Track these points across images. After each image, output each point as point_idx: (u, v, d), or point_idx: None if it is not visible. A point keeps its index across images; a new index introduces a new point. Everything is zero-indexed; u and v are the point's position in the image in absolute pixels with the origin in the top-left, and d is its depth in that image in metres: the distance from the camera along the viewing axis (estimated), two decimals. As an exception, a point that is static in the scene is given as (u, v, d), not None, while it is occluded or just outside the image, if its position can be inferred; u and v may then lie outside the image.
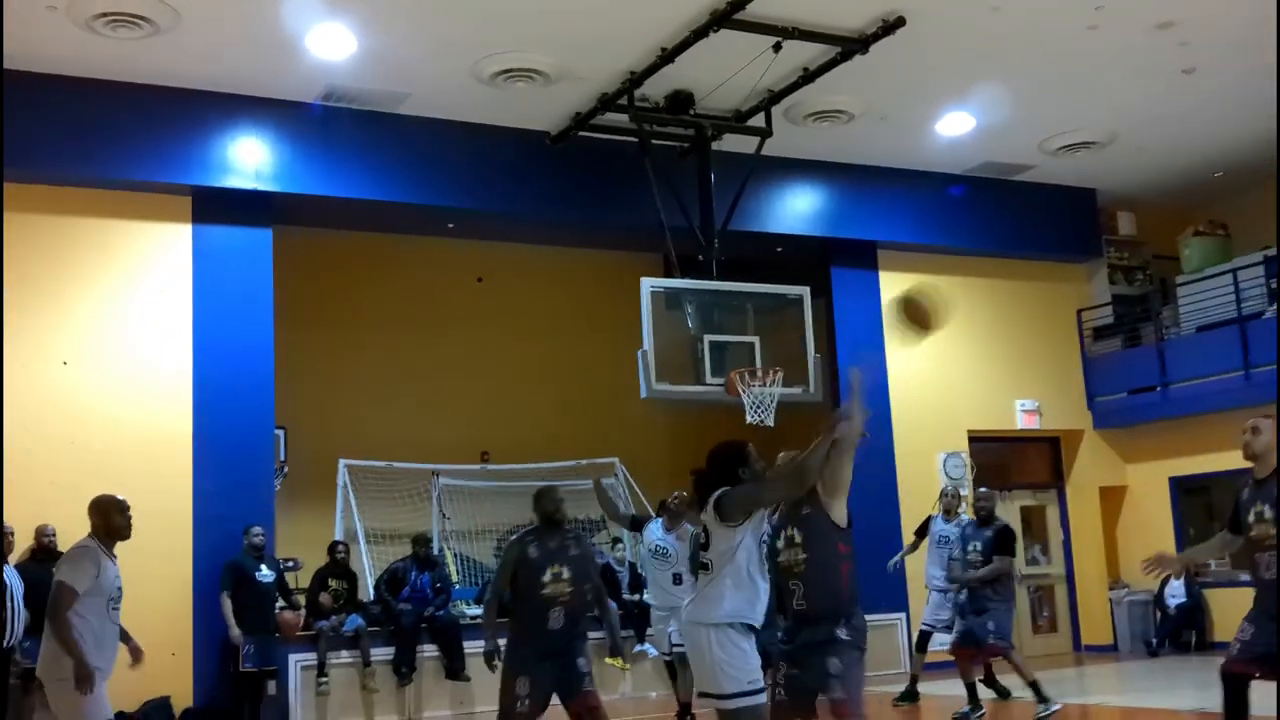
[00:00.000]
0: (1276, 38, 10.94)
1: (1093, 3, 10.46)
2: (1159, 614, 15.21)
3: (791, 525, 5.38)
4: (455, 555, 14.01)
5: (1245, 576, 14.56)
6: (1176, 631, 14.85)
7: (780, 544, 5.43)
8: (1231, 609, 14.45)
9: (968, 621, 10.10)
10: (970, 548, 10.27)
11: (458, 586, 13.04)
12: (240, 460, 11.32)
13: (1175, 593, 14.96)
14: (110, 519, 6.24)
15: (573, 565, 6.87)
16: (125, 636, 6.40)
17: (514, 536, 7.45)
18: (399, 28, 10.32)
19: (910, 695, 11.36)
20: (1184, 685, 12.25)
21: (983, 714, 10.20)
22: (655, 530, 10.25)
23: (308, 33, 10.21)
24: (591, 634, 11.69)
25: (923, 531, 11.67)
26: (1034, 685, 9.71)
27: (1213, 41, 11.38)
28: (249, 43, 10.39)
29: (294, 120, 11.69)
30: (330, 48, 10.53)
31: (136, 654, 6.50)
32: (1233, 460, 14.18)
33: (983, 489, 11.34)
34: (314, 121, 11.75)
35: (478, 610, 12.56)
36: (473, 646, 11.70)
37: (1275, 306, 9.92)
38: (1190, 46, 11.46)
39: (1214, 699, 8.41)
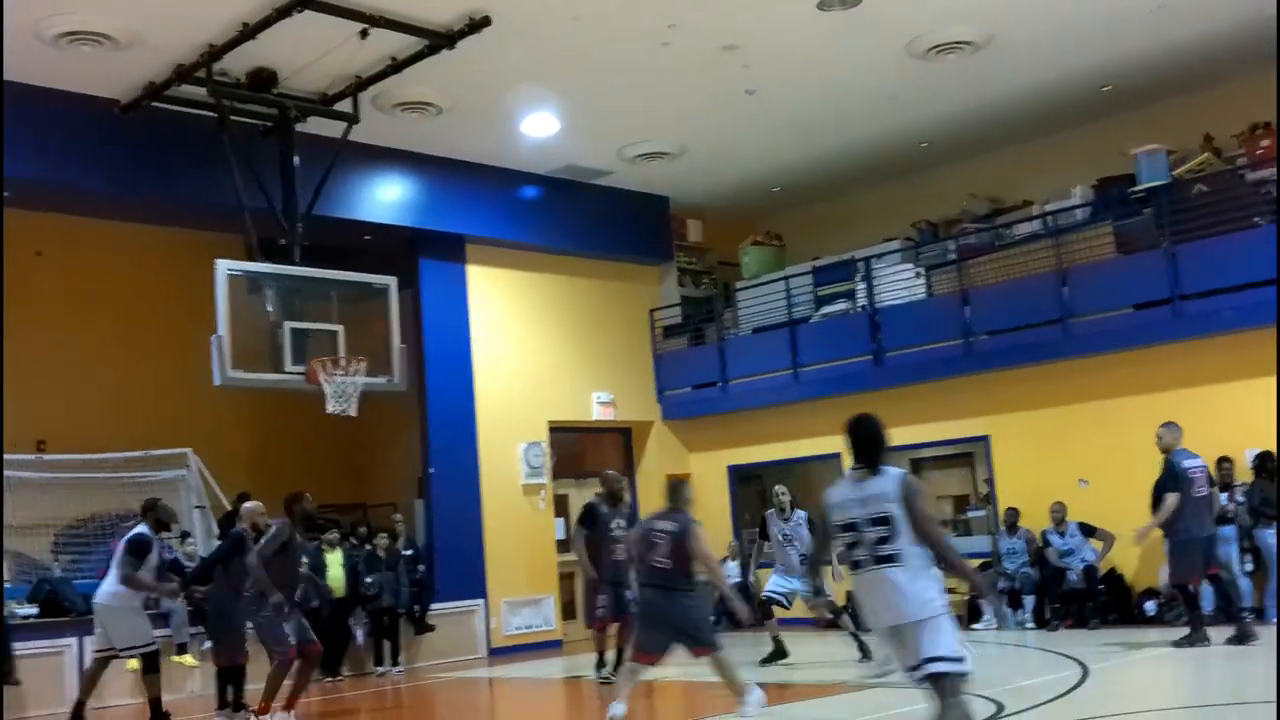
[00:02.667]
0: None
1: (665, 20, 11.17)
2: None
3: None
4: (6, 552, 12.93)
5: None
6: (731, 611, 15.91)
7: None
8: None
9: None
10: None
11: (9, 585, 12.06)
12: None
13: (730, 574, 16.04)
14: None
15: None
16: None
17: None
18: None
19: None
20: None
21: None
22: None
23: None
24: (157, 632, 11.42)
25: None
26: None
27: (773, 66, 12.42)
28: None
29: None
30: None
31: None
32: (782, 450, 15.80)
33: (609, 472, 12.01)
34: None
35: (30, 610, 11.74)
36: (22, 649, 10.94)
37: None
38: (752, 69, 12.47)
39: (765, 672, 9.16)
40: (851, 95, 13.44)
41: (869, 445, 5.40)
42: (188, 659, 11.84)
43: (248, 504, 10.69)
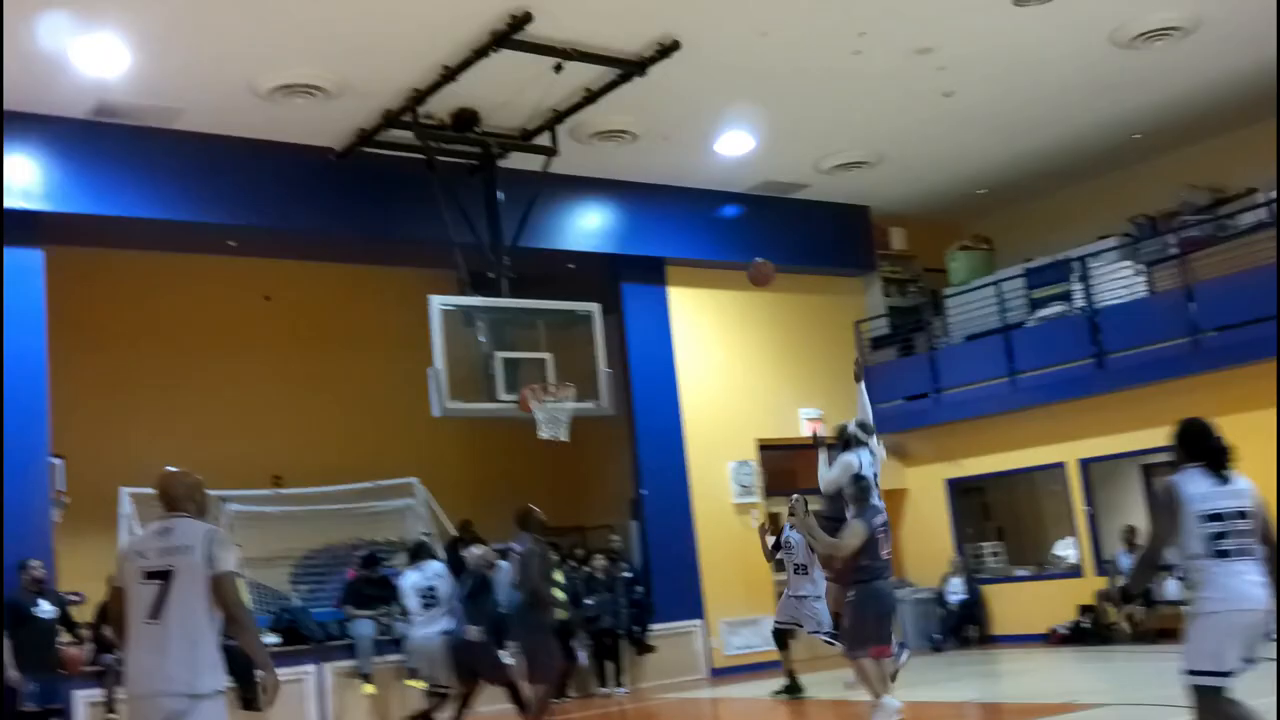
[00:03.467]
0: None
1: (855, 29, 11.04)
2: (942, 611, 15.88)
3: None
4: (249, 584, 13.68)
5: (1021, 572, 15.64)
6: (958, 626, 15.52)
7: None
8: (1004, 604, 15.45)
9: None
10: None
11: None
12: (14, 491, 10.81)
13: (955, 590, 15.71)
14: None
15: None
16: None
17: None
18: (171, 40, 10.10)
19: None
20: (965, 678, 12.96)
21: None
22: None
23: (71, 46, 9.90)
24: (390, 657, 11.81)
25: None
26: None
27: (969, 66, 12.12)
28: (10, 56, 9.99)
29: (64, 137, 11.28)
30: (99, 61, 10.23)
31: None
32: (1001, 462, 15.30)
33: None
34: (85, 138, 11.38)
35: (273, 639, 12.35)
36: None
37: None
38: (948, 71, 12.18)
39: (992, 689, 9.01)
40: (1055, 90, 12.96)
41: (1221, 449, 5.69)
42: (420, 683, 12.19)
43: (475, 552, 10.99)
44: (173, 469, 5.34)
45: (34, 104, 10.91)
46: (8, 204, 11.04)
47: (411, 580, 10.82)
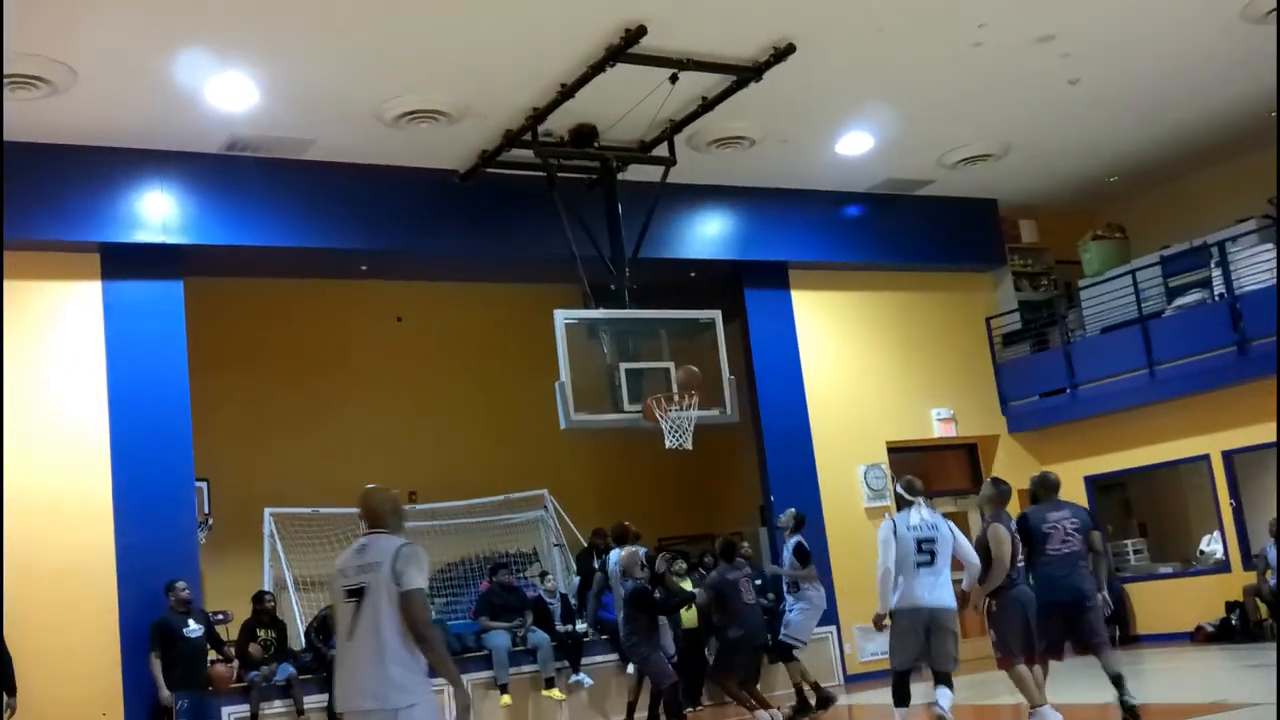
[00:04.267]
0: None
1: (975, 20, 10.82)
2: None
3: None
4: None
5: (1165, 569, 15.16)
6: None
7: None
8: (1148, 602, 14.96)
9: None
10: None
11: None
12: (161, 514, 11.23)
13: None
14: None
15: None
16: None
17: None
18: (298, 75, 10.41)
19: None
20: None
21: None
22: None
23: (206, 84, 10.27)
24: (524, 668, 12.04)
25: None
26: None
27: (1093, 51, 11.78)
28: (147, 96, 10.41)
29: (199, 172, 11.69)
30: (230, 98, 10.58)
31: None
32: (1143, 456, 14.85)
33: None
34: (219, 172, 11.76)
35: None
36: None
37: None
38: (1072, 57, 11.86)
39: (1138, 690, 8.75)
40: (1184, 70, 12.52)
41: None
42: (555, 693, 12.34)
43: (628, 551, 11.12)
44: (372, 486, 5.38)
45: (170, 141, 11.35)
46: (148, 239, 11.52)
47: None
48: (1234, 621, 13.89)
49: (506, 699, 12.05)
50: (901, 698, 8.73)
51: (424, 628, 4.96)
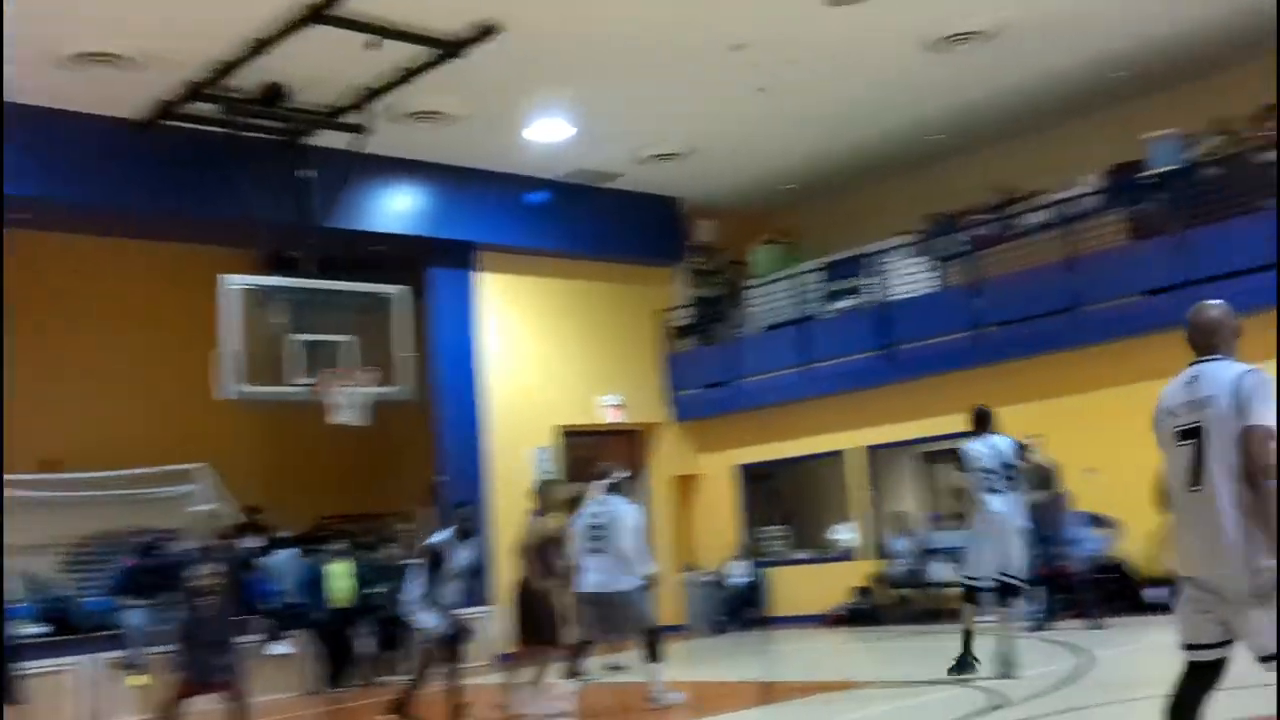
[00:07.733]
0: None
1: (674, 23, 11.13)
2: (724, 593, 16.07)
3: None
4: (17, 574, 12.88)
5: (801, 555, 16.14)
6: (740, 608, 15.88)
7: None
8: (786, 586, 15.92)
9: None
10: None
11: (22, 604, 12.07)
12: None
13: (736, 573, 16.07)
14: None
15: None
16: None
17: None
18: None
19: None
20: (745, 656, 13.44)
21: None
22: None
23: None
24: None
25: None
26: None
27: (783, 63, 12.35)
28: None
29: None
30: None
31: None
32: (793, 448, 15.76)
33: None
34: None
35: (37, 629, 11.73)
36: (35, 668, 10.90)
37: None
38: (761, 67, 12.42)
39: (771, 668, 9.30)
40: (864, 90, 13.40)
41: None
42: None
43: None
44: (1206, 302, 4.49)
45: None
46: None
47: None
48: (862, 606, 15.01)
49: (139, 679, 11.42)
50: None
51: (1261, 474, 4.04)
